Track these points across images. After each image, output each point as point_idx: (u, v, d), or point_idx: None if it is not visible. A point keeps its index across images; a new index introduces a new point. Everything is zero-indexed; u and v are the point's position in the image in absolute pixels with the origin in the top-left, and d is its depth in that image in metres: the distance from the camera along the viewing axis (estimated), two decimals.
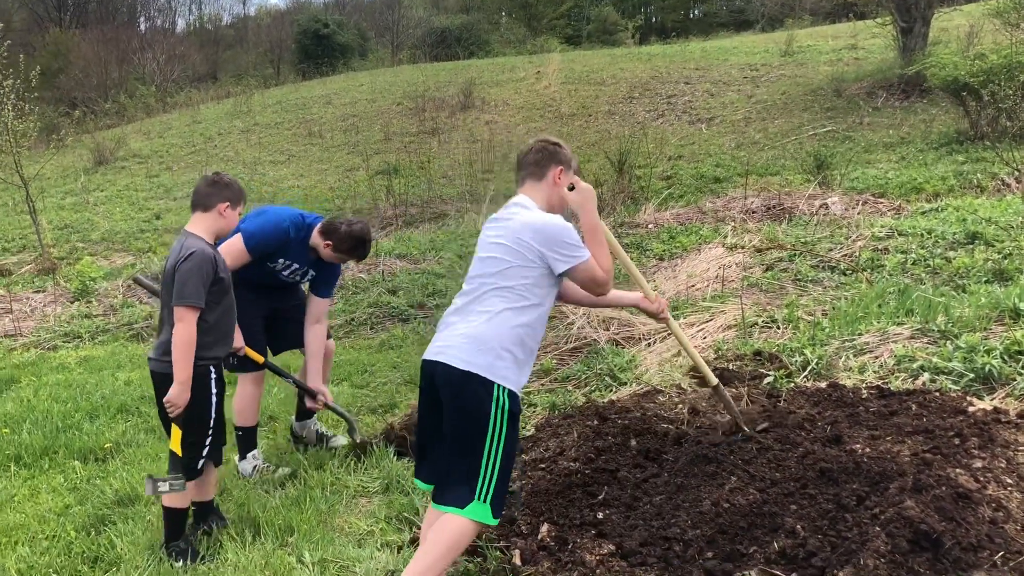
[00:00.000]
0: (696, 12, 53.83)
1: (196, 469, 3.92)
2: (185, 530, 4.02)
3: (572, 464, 4.33)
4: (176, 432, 3.81)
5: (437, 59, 36.50)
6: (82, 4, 48.96)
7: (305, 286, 5.14)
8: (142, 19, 53.57)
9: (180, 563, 3.86)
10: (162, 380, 3.80)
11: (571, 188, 3.44)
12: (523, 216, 3.29)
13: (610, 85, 24.33)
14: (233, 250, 4.54)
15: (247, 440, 5.01)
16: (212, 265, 3.79)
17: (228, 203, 3.91)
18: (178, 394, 3.72)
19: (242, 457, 5.03)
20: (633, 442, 4.49)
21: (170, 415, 3.77)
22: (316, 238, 4.77)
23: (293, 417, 5.41)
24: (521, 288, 3.19)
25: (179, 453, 3.81)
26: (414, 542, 3.92)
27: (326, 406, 5.08)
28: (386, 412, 5.92)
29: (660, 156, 16.48)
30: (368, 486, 4.64)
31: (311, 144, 22.30)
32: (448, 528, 3.13)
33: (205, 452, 3.92)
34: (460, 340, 3.16)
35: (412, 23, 47.18)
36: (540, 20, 50.03)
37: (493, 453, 3.11)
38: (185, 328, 3.69)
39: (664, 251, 9.44)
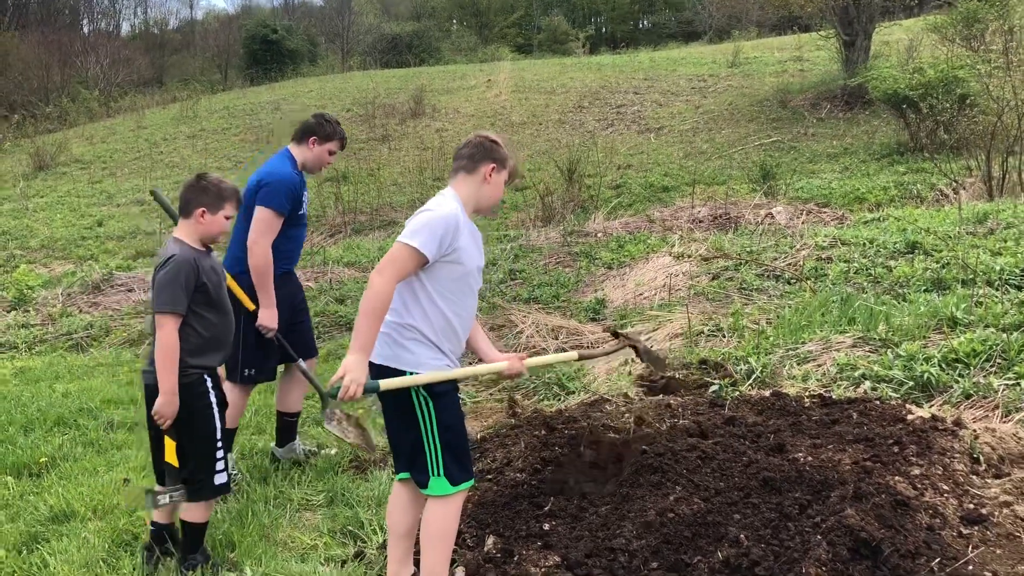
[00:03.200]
0: (645, 23, 54.44)
1: (218, 486, 3.77)
2: (203, 543, 3.89)
3: (519, 475, 4.31)
4: (170, 444, 3.68)
5: (387, 66, 36.37)
6: (22, 5, 47.81)
7: None
8: (85, 21, 52.50)
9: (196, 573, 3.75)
10: (152, 392, 3.66)
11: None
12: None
13: (560, 94, 24.46)
14: (267, 220, 4.55)
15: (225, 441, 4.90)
16: (193, 270, 3.64)
17: (205, 209, 3.74)
18: (164, 404, 3.58)
19: (282, 444, 5.06)
20: (584, 452, 4.48)
21: (161, 428, 3.65)
22: (298, 151, 4.78)
23: (274, 444, 5.23)
24: (413, 280, 3.20)
25: (175, 464, 3.69)
26: (359, 556, 3.87)
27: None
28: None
29: (609, 165, 16.61)
30: (312, 499, 4.57)
31: (258, 150, 22.00)
32: (427, 519, 3.27)
33: (222, 467, 3.79)
34: (379, 338, 3.20)
35: (362, 29, 46.94)
36: (491, 28, 50.19)
37: (430, 431, 3.19)
38: (165, 335, 3.56)
39: (613, 260, 9.49)
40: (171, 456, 3.69)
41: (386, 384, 3.12)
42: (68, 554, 4.00)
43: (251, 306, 4.63)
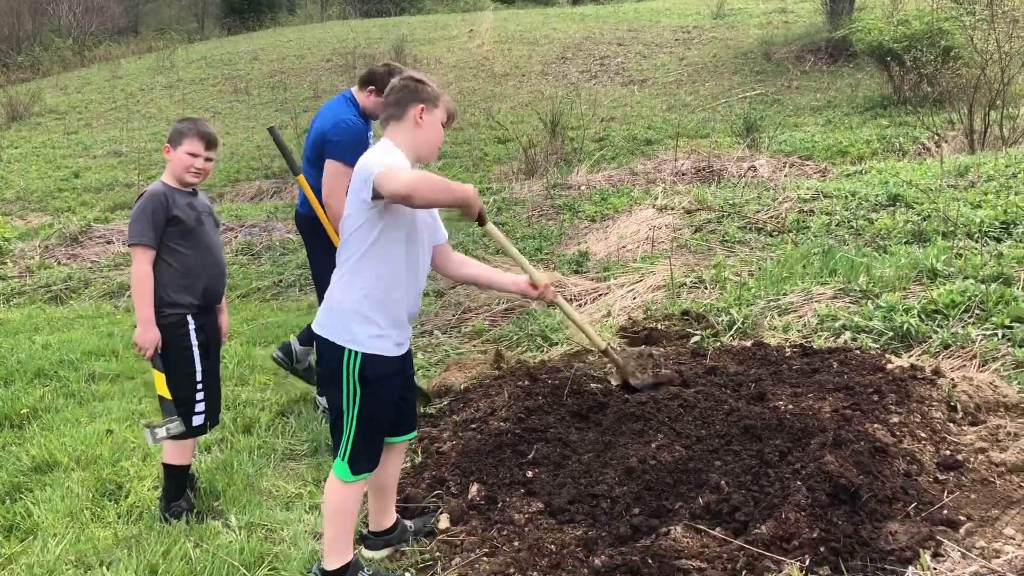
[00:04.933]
0: None
1: (194, 427, 3.81)
2: (186, 488, 3.91)
3: (502, 424, 4.33)
4: (159, 376, 3.73)
5: (367, 15, 35.75)
6: None
7: None
8: None
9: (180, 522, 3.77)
10: None
11: None
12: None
13: (543, 45, 24.19)
14: (337, 175, 4.53)
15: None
16: (163, 204, 3.65)
17: (169, 145, 3.79)
18: (140, 335, 3.63)
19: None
20: (567, 401, 4.52)
21: (144, 357, 3.71)
22: (360, 96, 4.76)
23: (295, 337, 5.25)
24: (353, 241, 3.00)
25: (167, 396, 3.73)
26: None
27: None
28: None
29: (593, 118, 16.50)
30: (296, 449, 4.59)
31: (237, 101, 21.71)
32: (327, 491, 3.17)
33: (201, 408, 3.81)
34: (323, 304, 3.11)
35: None
36: None
37: (350, 415, 3.05)
38: (136, 267, 3.62)
39: (596, 213, 9.48)
40: (162, 388, 3.74)
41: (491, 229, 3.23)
42: (52, 503, 4.01)
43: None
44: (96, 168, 16.46)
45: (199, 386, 3.81)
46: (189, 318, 3.75)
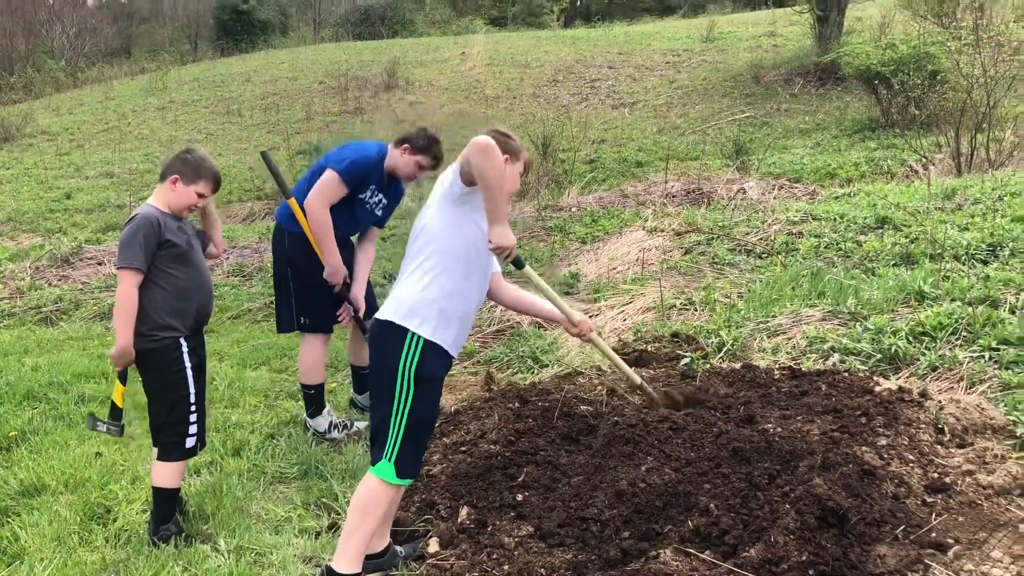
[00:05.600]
0: None
1: (187, 449, 3.84)
2: (176, 512, 3.91)
3: (492, 447, 4.34)
4: (119, 387, 3.79)
5: (360, 38, 35.94)
6: None
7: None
8: None
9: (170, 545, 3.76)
10: (140, 356, 3.73)
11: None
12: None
13: (535, 68, 24.34)
14: (329, 184, 4.64)
15: (317, 398, 5.02)
16: (155, 228, 3.67)
17: (179, 177, 3.78)
18: (116, 355, 3.66)
19: (315, 414, 5.03)
20: (557, 423, 4.52)
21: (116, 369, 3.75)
22: (392, 153, 4.82)
23: (353, 391, 5.40)
24: (433, 241, 3.27)
25: (119, 405, 3.79)
26: (332, 527, 3.89)
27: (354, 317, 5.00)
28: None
29: (584, 140, 16.59)
30: (286, 472, 4.58)
31: (229, 123, 21.76)
32: (360, 490, 3.27)
33: (193, 431, 3.83)
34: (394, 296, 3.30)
35: (335, 1, 46.35)
36: (465, 1, 49.71)
37: (400, 414, 3.19)
38: (123, 289, 3.62)
39: (587, 234, 9.52)
40: (117, 397, 3.83)
41: (528, 271, 3.43)
42: (40, 528, 3.98)
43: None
44: (88, 189, 16.45)
45: (192, 408, 3.82)
46: (182, 341, 3.77)
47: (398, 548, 3.57)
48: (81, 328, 8.18)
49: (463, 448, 4.47)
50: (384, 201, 4.93)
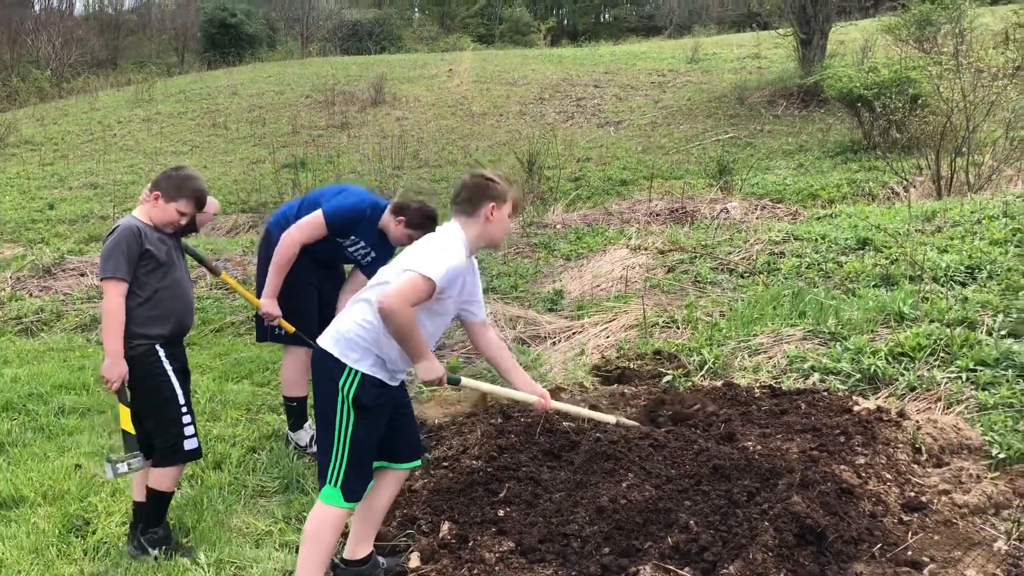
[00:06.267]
0: (607, 16, 54.57)
1: (187, 451, 3.81)
2: (166, 517, 3.90)
3: (475, 462, 4.35)
4: (124, 411, 3.73)
5: (348, 53, 36.04)
6: None
7: (349, 268, 5.21)
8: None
9: (156, 551, 3.75)
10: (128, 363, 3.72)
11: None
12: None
13: (521, 86, 24.48)
14: (312, 223, 4.67)
15: (299, 411, 5.01)
16: (136, 238, 3.69)
17: (160, 194, 3.79)
18: (108, 367, 3.64)
19: (297, 427, 5.01)
20: (539, 439, 4.54)
21: (109, 389, 3.70)
22: (387, 217, 4.78)
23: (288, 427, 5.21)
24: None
25: (131, 431, 3.73)
26: None
27: None
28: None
29: (569, 158, 16.68)
30: (267, 486, 4.57)
31: (215, 135, 21.74)
32: (310, 517, 3.28)
33: (191, 432, 3.81)
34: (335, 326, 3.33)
35: (323, 15, 46.41)
36: (453, 18, 49.97)
37: (341, 440, 3.20)
38: (108, 300, 3.63)
39: (571, 251, 9.56)
40: (126, 423, 3.74)
41: (466, 383, 3.43)
42: (18, 540, 3.97)
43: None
44: (71, 200, 16.37)
45: (183, 409, 3.81)
46: (158, 347, 3.77)
47: (380, 559, 3.57)
48: (62, 339, 8.13)
49: (445, 463, 4.48)
50: (373, 255, 4.90)
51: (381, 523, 3.61)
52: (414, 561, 3.57)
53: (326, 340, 3.27)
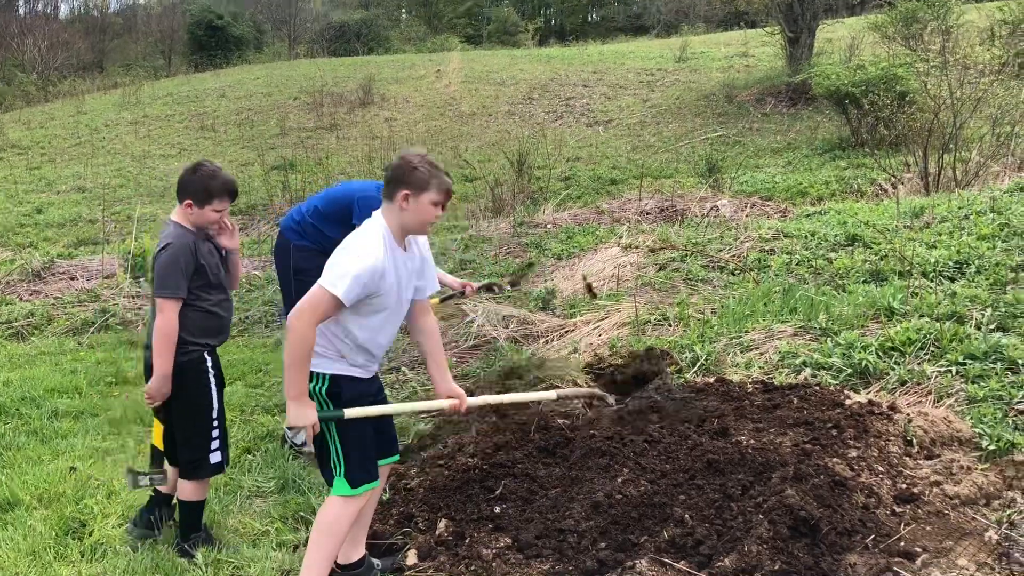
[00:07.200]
0: (594, 16, 54.65)
1: (212, 465, 3.81)
2: (202, 520, 3.92)
3: (470, 460, 4.37)
4: (158, 427, 3.75)
5: (335, 54, 36.00)
6: None
7: None
8: (21, 2, 50.87)
9: (197, 553, 3.77)
10: (151, 370, 3.73)
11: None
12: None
13: (510, 86, 24.51)
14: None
15: None
16: (191, 253, 3.68)
17: (191, 202, 3.73)
18: (157, 387, 3.64)
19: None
20: (534, 437, 4.56)
21: (148, 406, 3.73)
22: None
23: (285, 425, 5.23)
24: None
25: (160, 447, 3.75)
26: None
27: None
28: (281, 412, 5.83)
29: (559, 157, 16.71)
30: (263, 486, 4.58)
31: (204, 138, 21.69)
32: (321, 511, 3.29)
33: (216, 445, 3.82)
34: None
35: (310, 17, 46.38)
36: (440, 18, 49.97)
37: (332, 434, 3.22)
38: (164, 320, 3.61)
39: (562, 251, 9.59)
40: (157, 439, 3.78)
41: (350, 413, 3.19)
42: (14, 542, 3.97)
43: None
44: (59, 204, 16.30)
45: (215, 423, 3.82)
46: (206, 355, 3.79)
47: (374, 560, 3.59)
48: (53, 343, 8.11)
49: (441, 462, 4.50)
50: None
51: (369, 524, 3.61)
52: (411, 559, 3.59)
53: None
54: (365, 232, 3.21)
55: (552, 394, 4.06)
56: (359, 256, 3.10)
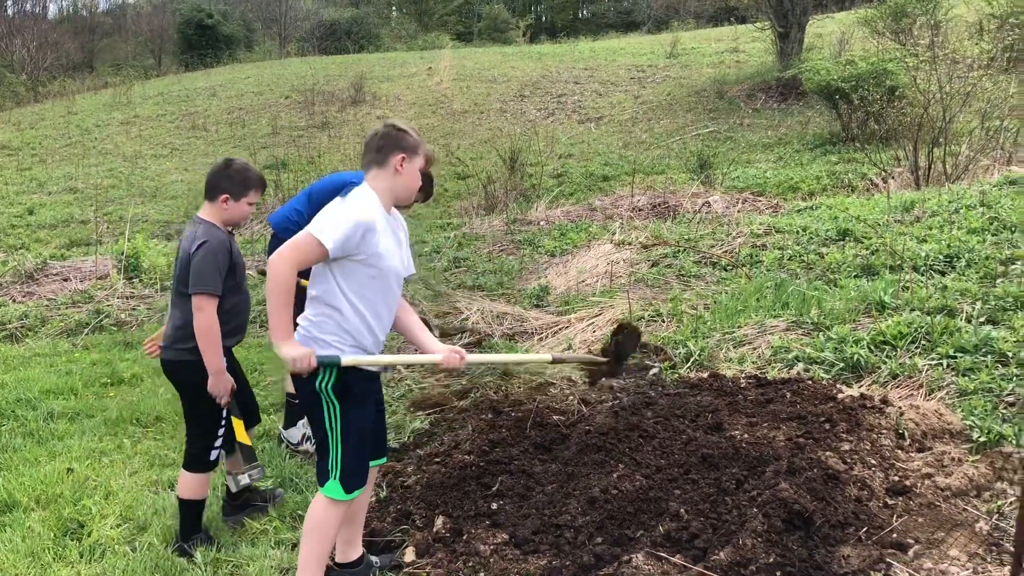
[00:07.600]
0: (585, 12, 54.68)
1: (210, 461, 3.86)
2: (202, 520, 3.96)
3: (467, 457, 4.39)
4: (237, 423, 3.80)
5: (326, 52, 35.99)
6: None
7: None
8: (10, 2, 50.68)
9: (196, 552, 3.79)
10: (172, 369, 3.77)
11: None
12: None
13: (501, 83, 24.51)
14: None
15: (299, 410, 4.97)
16: (227, 251, 3.71)
17: (228, 195, 3.77)
18: (214, 385, 3.67)
19: (290, 426, 5.04)
20: (530, 433, 4.59)
21: (222, 406, 3.76)
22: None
23: (281, 425, 5.24)
24: (329, 277, 3.16)
25: (247, 442, 3.80)
26: None
27: None
28: (277, 411, 5.85)
29: (551, 154, 16.74)
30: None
31: (195, 137, 21.66)
32: (310, 511, 3.26)
33: (218, 443, 3.86)
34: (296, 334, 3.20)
35: (300, 15, 46.24)
36: (431, 16, 49.95)
37: (335, 433, 3.18)
38: (206, 317, 3.62)
39: (555, 247, 9.62)
40: (242, 435, 3.82)
41: (347, 361, 3.11)
42: (13, 543, 3.97)
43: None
44: (51, 205, 16.27)
45: (223, 423, 3.86)
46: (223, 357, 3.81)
47: (373, 558, 3.61)
48: (48, 345, 8.11)
49: (437, 459, 4.53)
50: None
51: (364, 523, 3.62)
52: (409, 556, 3.62)
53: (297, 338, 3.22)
54: (359, 194, 3.20)
55: (547, 356, 4.02)
56: (354, 210, 3.09)
